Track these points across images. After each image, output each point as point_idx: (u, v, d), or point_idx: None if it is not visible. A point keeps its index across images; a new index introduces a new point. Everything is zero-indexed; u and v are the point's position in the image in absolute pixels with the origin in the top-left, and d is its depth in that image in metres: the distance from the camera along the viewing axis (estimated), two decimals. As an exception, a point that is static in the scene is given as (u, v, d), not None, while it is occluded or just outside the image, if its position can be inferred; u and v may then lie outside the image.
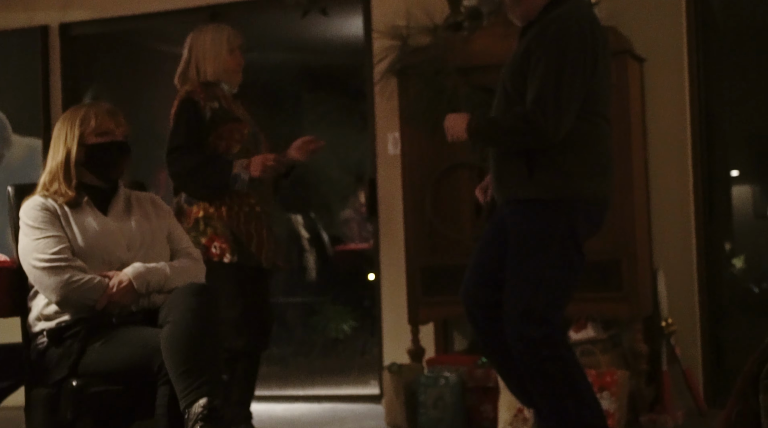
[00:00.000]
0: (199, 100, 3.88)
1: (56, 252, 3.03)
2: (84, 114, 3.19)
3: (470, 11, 4.64)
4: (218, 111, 3.89)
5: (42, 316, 3.08)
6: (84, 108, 3.23)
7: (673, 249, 4.57)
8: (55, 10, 5.88)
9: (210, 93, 3.91)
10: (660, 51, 4.55)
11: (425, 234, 4.57)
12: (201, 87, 3.92)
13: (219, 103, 3.91)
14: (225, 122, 3.89)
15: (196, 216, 3.86)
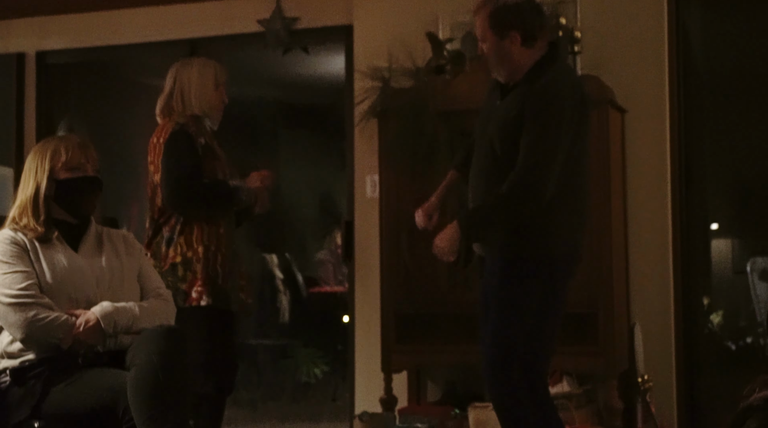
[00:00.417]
0: (191, 133, 3.85)
1: (23, 288, 3.02)
2: (54, 147, 3.19)
3: (453, 55, 4.69)
4: (205, 147, 3.87)
5: (5, 354, 3.06)
6: (54, 141, 3.23)
7: (651, 303, 4.60)
8: (33, 37, 5.89)
9: (198, 128, 3.90)
10: (642, 102, 4.61)
11: (401, 280, 4.58)
12: (192, 120, 3.89)
13: (205, 140, 3.89)
14: (210, 160, 3.87)
15: (173, 260, 3.81)
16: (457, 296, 4.47)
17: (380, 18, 5.03)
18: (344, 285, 7.44)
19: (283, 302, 7.68)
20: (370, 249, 4.98)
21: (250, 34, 5.45)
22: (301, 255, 8.40)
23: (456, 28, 4.84)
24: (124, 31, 5.72)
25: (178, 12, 5.59)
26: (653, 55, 4.63)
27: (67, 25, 5.83)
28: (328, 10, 5.31)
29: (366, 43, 5.02)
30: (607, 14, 4.64)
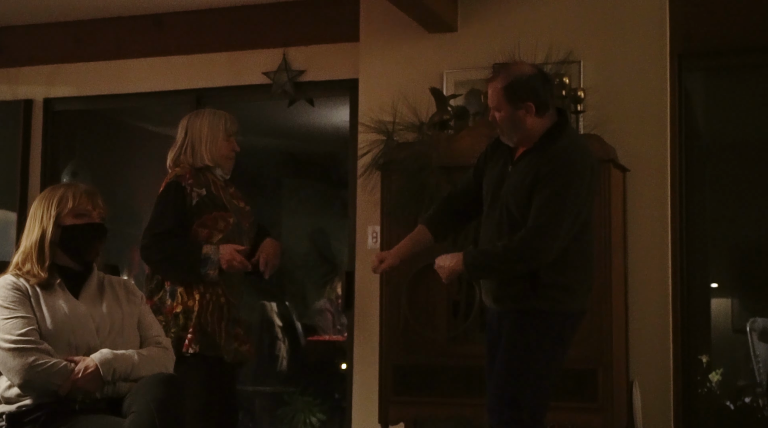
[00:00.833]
0: (186, 186, 3.87)
1: (23, 334, 3.01)
2: (62, 194, 3.20)
3: (456, 110, 4.71)
4: (205, 198, 3.88)
5: (2, 399, 3.04)
6: (62, 188, 3.24)
7: (650, 360, 4.57)
8: (40, 84, 5.93)
9: (200, 179, 3.91)
10: (643, 161, 4.62)
11: (400, 332, 4.55)
12: (191, 172, 3.92)
13: (207, 190, 3.91)
14: (210, 210, 3.89)
15: (174, 310, 3.82)
16: (456, 348, 4.45)
17: (385, 73, 5.06)
18: (343, 335, 7.41)
19: (281, 350, 7.64)
20: (369, 299, 4.96)
21: (256, 85, 5.49)
22: (301, 304, 8.37)
23: (460, 85, 4.87)
24: (131, 80, 5.76)
25: (185, 62, 5.63)
26: (655, 116, 4.64)
27: (74, 73, 5.88)
28: (334, 63, 5.35)
29: (371, 97, 5.04)
30: (610, 75, 4.67)
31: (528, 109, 3.39)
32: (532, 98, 3.38)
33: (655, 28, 4.70)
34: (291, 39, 5.43)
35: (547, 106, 3.42)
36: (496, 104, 3.44)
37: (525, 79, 3.40)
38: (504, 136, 3.48)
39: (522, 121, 3.40)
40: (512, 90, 3.38)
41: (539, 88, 3.40)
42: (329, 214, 8.47)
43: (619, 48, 4.71)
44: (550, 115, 3.44)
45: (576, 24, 4.77)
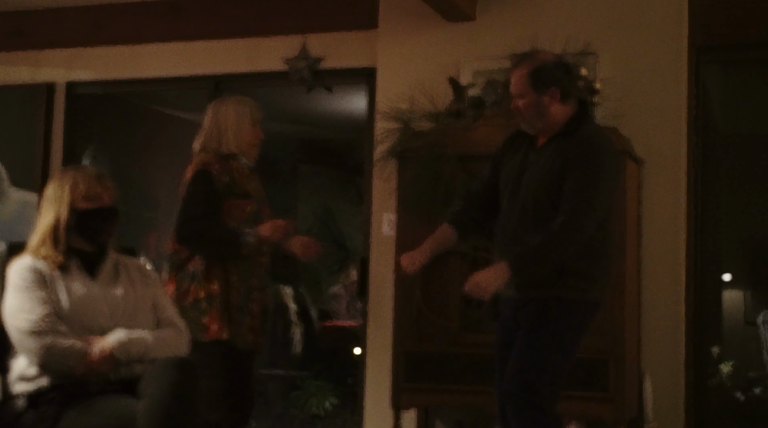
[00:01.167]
0: (213, 172, 3.87)
1: (41, 316, 3.02)
2: (72, 179, 3.21)
3: (473, 100, 4.69)
4: (227, 186, 3.88)
5: (22, 377, 3.06)
6: (71, 172, 3.26)
7: (662, 352, 4.55)
8: (61, 68, 5.94)
9: (224, 166, 3.92)
10: (659, 154, 4.59)
11: (413, 319, 4.55)
12: (216, 158, 3.92)
13: (230, 177, 3.90)
14: (228, 198, 3.88)
15: (196, 296, 3.82)
16: (468, 337, 4.44)
17: (403, 62, 5.05)
18: (357, 320, 7.42)
19: (295, 334, 7.66)
20: (384, 286, 4.96)
21: (275, 72, 5.48)
22: (315, 289, 8.39)
23: (477, 75, 4.84)
24: (149, 65, 5.76)
25: (204, 48, 5.63)
26: (672, 109, 4.61)
27: (94, 57, 5.88)
28: (352, 51, 5.33)
29: (388, 86, 5.03)
30: (627, 67, 4.64)
31: (553, 94, 3.38)
32: (557, 83, 3.38)
33: (673, 20, 4.66)
34: (310, 26, 5.41)
35: (570, 94, 3.42)
36: (520, 90, 3.41)
37: (550, 65, 3.41)
38: (525, 124, 3.46)
39: (546, 108, 3.39)
40: (537, 75, 3.38)
41: (563, 76, 3.42)
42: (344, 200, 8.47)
43: (637, 40, 4.68)
44: (572, 105, 3.43)
45: (593, 15, 4.74)
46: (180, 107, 7.18)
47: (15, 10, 5.96)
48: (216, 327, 3.79)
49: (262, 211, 4.00)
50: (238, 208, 3.90)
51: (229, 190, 3.89)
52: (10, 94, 5.98)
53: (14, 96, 5.97)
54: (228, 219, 3.87)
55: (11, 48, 6.01)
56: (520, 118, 3.46)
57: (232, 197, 3.90)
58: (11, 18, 6.00)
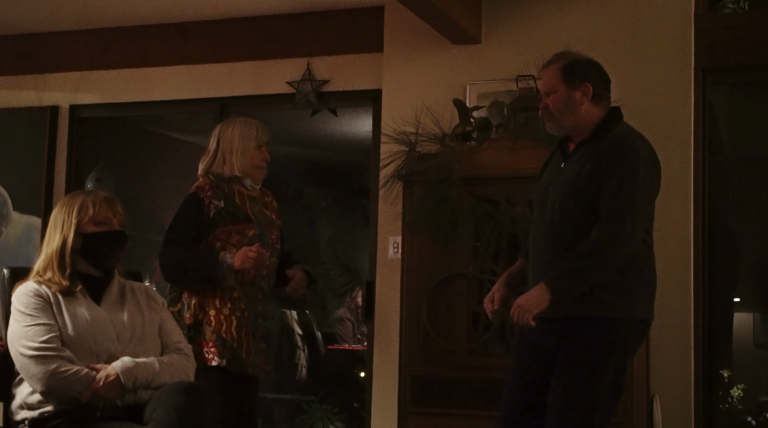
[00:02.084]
0: (204, 198, 3.86)
1: (45, 341, 3.01)
2: (81, 202, 3.20)
3: (479, 122, 4.68)
4: (222, 211, 3.86)
5: (25, 404, 3.05)
6: (81, 195, 3.24)
7: (671, 375, 4.52)
8: (67, 91, 5.95)
9: (220, 191, 3.90)
10: (667, 177, 4.52)
11: (420, 343, 4.53)
12: (211, 184, 3.90)
13: (226, 202, 3.88)
14: (225, 224, 3.86)
15: (188, 321, 3.80)
16: (475, 361, 4.42)
17: (409, 84, 5.05)
18: (363, 344, 7.39)
19: (301, 358, 7.63)
20: (390, 310, 4.94)
21: (280, 94, 5.48)
22: (321, 312, 8.36)
23: (483, 97, 4.84)
24: (156, 88, 5.77)
25: (210, 71, 5.64)
26: (679, 131, 4.60)
27: (100, 80, 5.89)
28: (357, 74, 5.34)
29: (394, 108, 5.03)
30: (633, 89, 4.62)
31: (585, 91, 3.26)
32: (590, 79, 3.27)
33: (679, 43, 4.66)
34: (315, 49, 5.42)
35: (602, 95, 3.30)
36: (551, 85, 3.28)
37: (584, 61, 3.31)
38: (553, 124, 3.30)
39: (577, 105, 3.25)
40: (570, 70, 3.27)
41: (596, 74, 3.30)
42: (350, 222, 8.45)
43: (643, 62, 4.68)
44: (604, 108, 3.30)
45: (600, 37, 4.73)
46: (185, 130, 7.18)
47: (22, 33, 5.99)
48: (210, 354, 3.76)
49: (266, 235, 3.97)
50: (239, 233, 3.87)
51: (227, 215, 3.86)
52: (15, 117, 5.99)
53: (19, 119, 5.98)
54: (226, 244, 3.84)
55: (19, 72, 6.03)
56: (548, 118, 3.31)
57: (231, 223, 3.87)
58: (18, 41, 6.02)
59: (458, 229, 4.42)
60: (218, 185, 3.91)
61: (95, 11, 5.62)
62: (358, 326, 7.94)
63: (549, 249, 3.22)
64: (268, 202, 4.08)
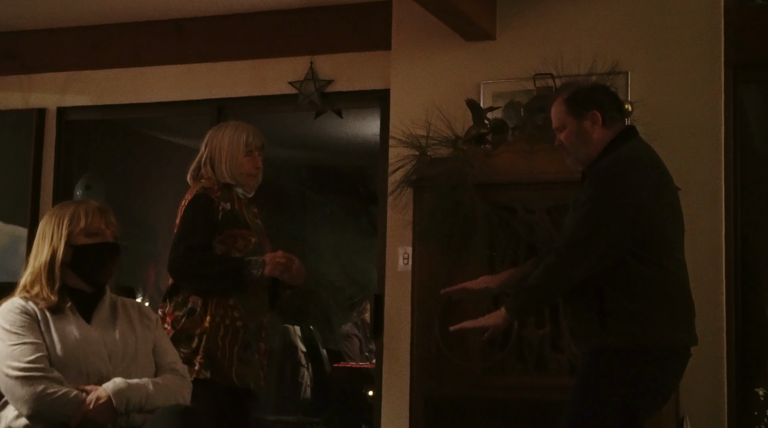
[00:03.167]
0: (214, 198, 3.90)
1: (32, 361, 3.00)
2: (73, 211, 3.19)
3: (494, 124, 4.68)
4: (228, 214, 3.90)
5: (10, 429, 3.04)
6: (72, 205, 3.24)
7: (702, 394, 4.50)
8: (54, 92, 5.97)
9: (226, 193, 3.94)
10: (695, 179, 4.56)
11: (432, 360, 4.52)
12: (218, 185, 3.94)
13: (231, 206, 3.93)
14: (231, 227, 3.90)
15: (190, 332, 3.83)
16: (491, 380, 4.42)
17: (418, 83, 5.05)
18: (371, 362, 7.39)
19: (305, 376, 7.63)
20: (400, 324, 4.95)
21: (281, 95, 5.49)
22: (326, 327, 8.37)
23: (498, 97, 4.84)
24: (149, 89, 5.79)
25: (206, 71, 5.65)
26: (709, 131, 4.60)
27: (90, 81, 5.91)
28: (363, 73, 5.35)
29: (403, 109, 5.03)
30: (659, 87, 4.63)
31: (594, 118, 3.33)
32: (596, 106, 3.33)
33: (708, 37, 4.65)
34: (318, 47, 5.43)
35: (614, 118, 3.36)
36: (560, 121, 3.38)
37: (587, 88, 3.39)
38: (572, 159, 3.41)
39: (588, 134, 3.33)
40: (574, 100, 3.35)
41: (602, 98, 3.37)
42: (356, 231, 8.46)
43: (670, 58, 4.68)
44: (617, 130, 3.36)
45: (623, 32, 4.73)
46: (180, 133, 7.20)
47: (6, 30, 6.01)
48: (198, 365, 3.78)
49: (263, 244, 4.02)
50: (243, 239, 3.93)
51: (233, 218, 3.91)
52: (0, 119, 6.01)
53: (3, 122, 6.00)
54: (231, 249, 3.89)
55: (2, 72, 6.06)
56: (566, 155, 3.43)
57: (236, 227, 3.92)
58: (2, 39, 6.05)
59: (472, 239, 4.41)
60: (223, 187, 3.95)
61: (84, 7, 5.64)
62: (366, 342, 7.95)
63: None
64: (256, 213, 4.13)
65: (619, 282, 3.22)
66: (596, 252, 3.19)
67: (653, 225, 3.24)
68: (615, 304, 3.21)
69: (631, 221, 3.21)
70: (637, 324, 3.20)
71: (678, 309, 3.28)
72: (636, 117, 4.52)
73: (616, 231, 3.19)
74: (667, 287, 3.26)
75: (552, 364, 4.36)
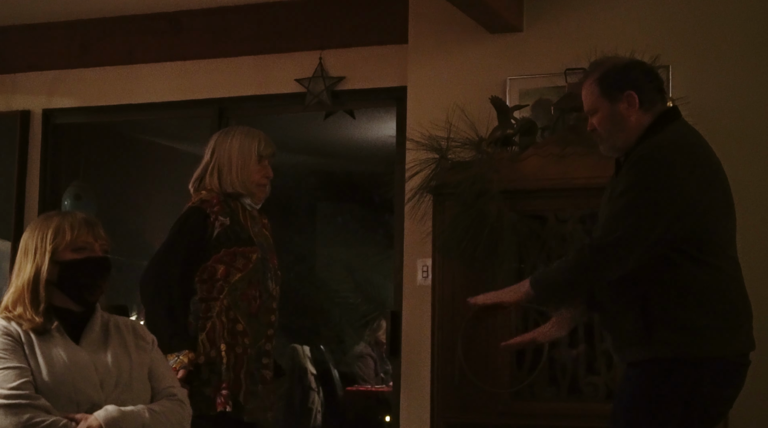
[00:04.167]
0: (210, 214, 3.91)
1: (16, 388, 2.99)
2: (57, 225, 3.18)
3: (522, 124, 4.67)
4: (228, 229, 3.92)
5: (-8, 463, 3.03)
6: (57, 217, 3.23)
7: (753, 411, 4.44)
8: (40, 94, 5.99)
9: (227, 206, 3.95)
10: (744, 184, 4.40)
11: (455, 384, 4.51)
12: (218, 198, 3.95)
13: (232, 220, 3.93)
14: (230, 245, 3.91)
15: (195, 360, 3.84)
16: (520, 406, 4.42)
17: (438, 80, 5.06)
18: (387, 385, 7.37)
19: (315, 401, 7.63)
20: (419, 344, 4.95)
21: (288, 94, 5.50)
22: (338, 348, 8.37)
23: (525, 94, 4.85)
24: (143, 89, 5.81)
25: (206, 69, 5.67)
26: (758, 130, 4.59)
27: (79, 81, 5.93)
28: (378, 69, 5.36)
29: (421, 109, 5.04)
30: (704, 84, 4.62)
31: (629, 99, 3.25)
32: (632, 86, 3.26)
33: (758, 29, 4.65)
34: (328, 41, 5.45)
35: (653, 99, 3.28)
36: (591, 104, 3.31)
37: (621, 66, 3.31)
38: (605, 146, 3.33)
39: (624, 118, 3.25)
40: (607, 81, 3.28)
41: (639, 77, 3.29)
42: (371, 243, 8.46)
43: (715, 52, 4.67)
44: (657, 112, 3.29)
45: (663, 23, 4.73)
46: (178, 137, 7.22)
47: (-12, 27, 6.04)
48: (222, 398, 3.80)
49: (268, 260, 4.02)
50: (244, 257, 3.93)
51: (233, 234, 3.93)
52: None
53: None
54: (230, 268, 3.90)
55: (-17, 71, 6.08)
56: (599, 141, 3.34)
57: (236, 244, 3.92)
58: (-17, 37, 6.07)
59: (498, 251, 4.41)
60: (225, 200, 3.96)
61: (73, 1, 5.65)
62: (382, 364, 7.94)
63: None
64: (266, 224, 4.15)
65: (667, 286, 3.14)
66: (637, 250, 3.11)
67: (703, 220, 3.16)
68: (662, 311, 3.13)
69: (679, 215, 3.12)
70: (689, 333, 3.12)
71: (734, 313, 3.19)
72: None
73: (662, 227, 3.11)
74: (721, 290, 3.18)
75: (587, 389, 4.35)
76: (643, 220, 3.11)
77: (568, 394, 4.37)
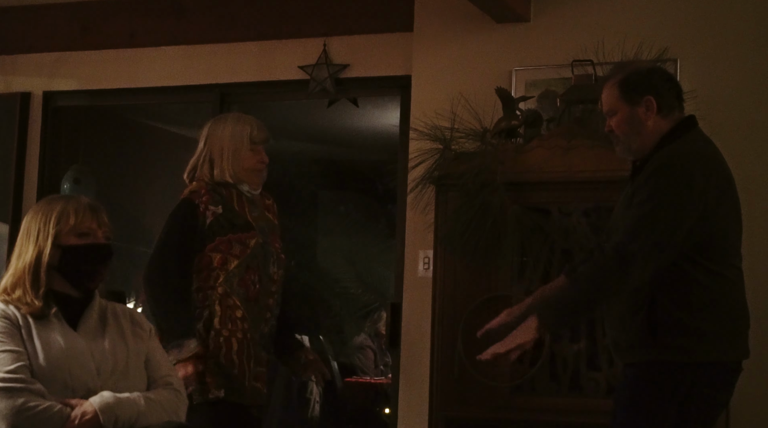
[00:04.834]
0: (199, 204, 3.93)
1: (11, 371, 3.01)
2: (61, 208, 3.19)
3: (527, 115, 4.67)
4: (220, 217, 3.93)
5: (-15, 447, 3.05)
6: (61, 201, 3.24)
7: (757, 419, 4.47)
8: (40, 76, 5.99)
9: (217, 195, 3.96)
10: (754, 181, 4.43)
11: (455, 377, 4.52)
12: (206, 188, 3.97)
13: (224, 208, 3.94)
14: (224, 233, 3.93)
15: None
16: (521, 400, 4.42)
17: (443, 69, 5.06)
18: (386, 377, 7.39)
19: (313, 392, 7.64)
20: (419, 336, 4.95)
21: (291, 81, 5.50)
22: (337, 338, 8.37)
23: (531, 85, 4.85)
24: (145, 73, 5.80)
25: (208, 53, 5.67)
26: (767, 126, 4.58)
27: (79, 63, 5.93)
28: (382, 57, 5.35)
29: (425, 98, 5.03)
30: (713, 77, 4.62)
31: (648, 104, 3.35)
32: (651, 91, 3.36)
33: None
34: (333, 27, 5.44)
35: (671, 106, 3.38)
36: (611, 106, 3.41)
37: (643, 72, 3.41)
38: (621, 148, 3.43)
39: (642, 122, 3.36)
40: (628, 84, 3.37)
41: (660, 83, 3.39)
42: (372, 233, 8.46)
43: (725, 44, 4.67)
44: (675, 119, 3.39)
45: (672, 15, 4.72)
46: (180, 122, 7.22)
47: (-14, 7, 6.04)
48: (208, 385, 3.82)
49: (269, 244, 4.03)
50: (240, 243, 3.95)
51: (226, 222, 3.94)
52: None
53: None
54: (227, 255, 3.92)
55: (-19, 52, 6.08)
56: (615, 142, 3.44)
57: (231, 231, 3.94)
58: (-18, 18, 6.07)
59: (501, 243, 4.41)
60: (215, 189, 3.97)
61: (74, -18, 5.66)
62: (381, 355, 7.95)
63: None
64: (269, 206, 4.16)
65: (674, 291, 3.23)
66: (661, 257, 3.19)
67: (716, 230, 3.26)
68: (668, 315, 3.22)
69: (695, 225, 3.22)
70: (692, 337, 3.22)
71: (734, 321, 3.31)
72: (686, 110, 4.49)
73: (682, 234, 3.21)
74: (725, 298, 3.28)
75: (588, 384, 4.35)
76: (666, 228, 3.19)
77: (569, 389, 4.38)
